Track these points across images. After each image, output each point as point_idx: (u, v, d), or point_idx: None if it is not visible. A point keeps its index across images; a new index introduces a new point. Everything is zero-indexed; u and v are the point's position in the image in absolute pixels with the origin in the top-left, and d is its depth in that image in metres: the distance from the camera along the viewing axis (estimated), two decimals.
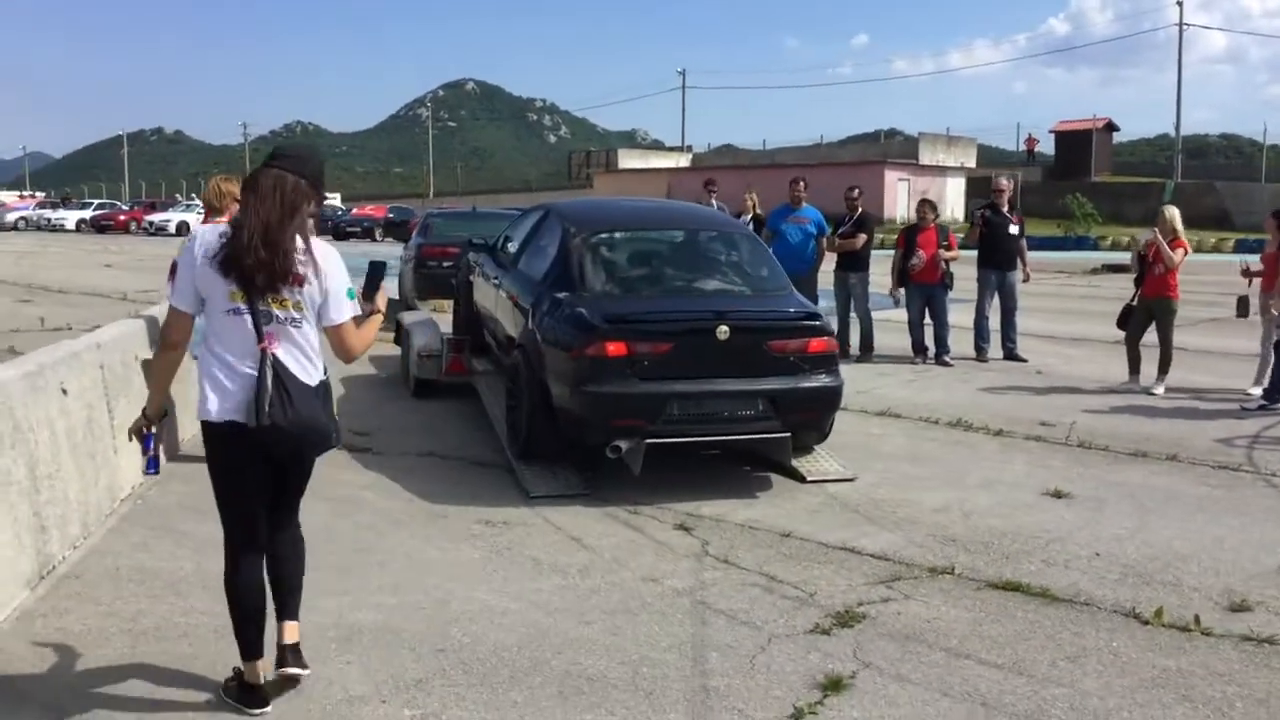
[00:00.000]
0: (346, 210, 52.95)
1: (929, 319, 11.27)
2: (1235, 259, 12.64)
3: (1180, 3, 53.97)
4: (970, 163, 54.07)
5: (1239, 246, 30.47)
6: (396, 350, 10.04)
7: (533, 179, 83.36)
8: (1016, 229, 11.64)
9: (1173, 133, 55.01)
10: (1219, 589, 4.84)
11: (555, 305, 6.56)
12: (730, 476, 6.72)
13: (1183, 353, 10.95)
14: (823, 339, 6.52)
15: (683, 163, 60.78)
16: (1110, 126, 55.07)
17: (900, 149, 53.51)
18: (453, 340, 8.85)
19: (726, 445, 6.71)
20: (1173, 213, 9.81)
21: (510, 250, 8.22)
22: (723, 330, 6.17)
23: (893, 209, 44.40)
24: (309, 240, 3.45)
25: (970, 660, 4.08)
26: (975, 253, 11.89)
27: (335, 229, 43.11)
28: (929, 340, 11.28)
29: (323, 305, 3.48)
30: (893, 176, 46.85)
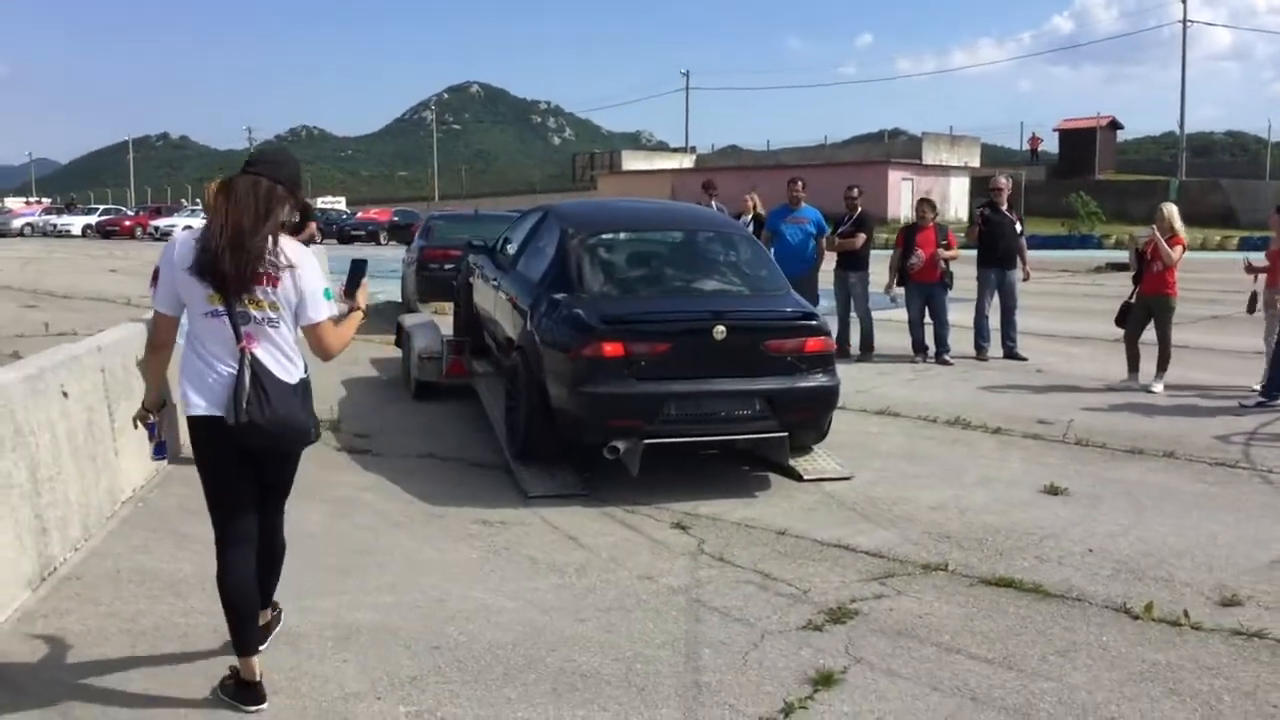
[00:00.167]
0: (351, 214, 53.13)
1: (929, 318, 11.30)
2: (1239, 256, 12.66)
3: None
4: (974, 162, 54.10)
5: (1243, 244, 30.41)
6: (398, 353, 10.10)
7: (537, 181, 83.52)
8: (1016, 227, 11.67)
9: (1178, 130, 54.97)
10: (1211, 584, 4.87)
11: (553, 306, 6.60)
12: (728, 476, 6.75)
13: (1184, 350, 10.98)
14: (819, 339, 6.55)
15: (686, 164, 60.88)
16: (1114, 125, 55.05)
17: (904, 149, 53.58)
18: (452, 342, 8.90)
19: (724, 445, 6.75)
20: (1171, 210, 9.83)
21: (509, 252, 8.27)
22: (719, 330, 6.20)
23: (896, 209, 44.40)
24: (283, 243, 3.54)
25: (961, 655, 4.11)
26: (975, 251, 11.92)
27: (340, 232, 43.21)
28: (929, 339, 11.31)
29: (299, 305, 3.57)
30: (896, 176, 46.91)
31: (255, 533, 3.72)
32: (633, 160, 63.94)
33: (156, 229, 47.96)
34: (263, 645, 3.84)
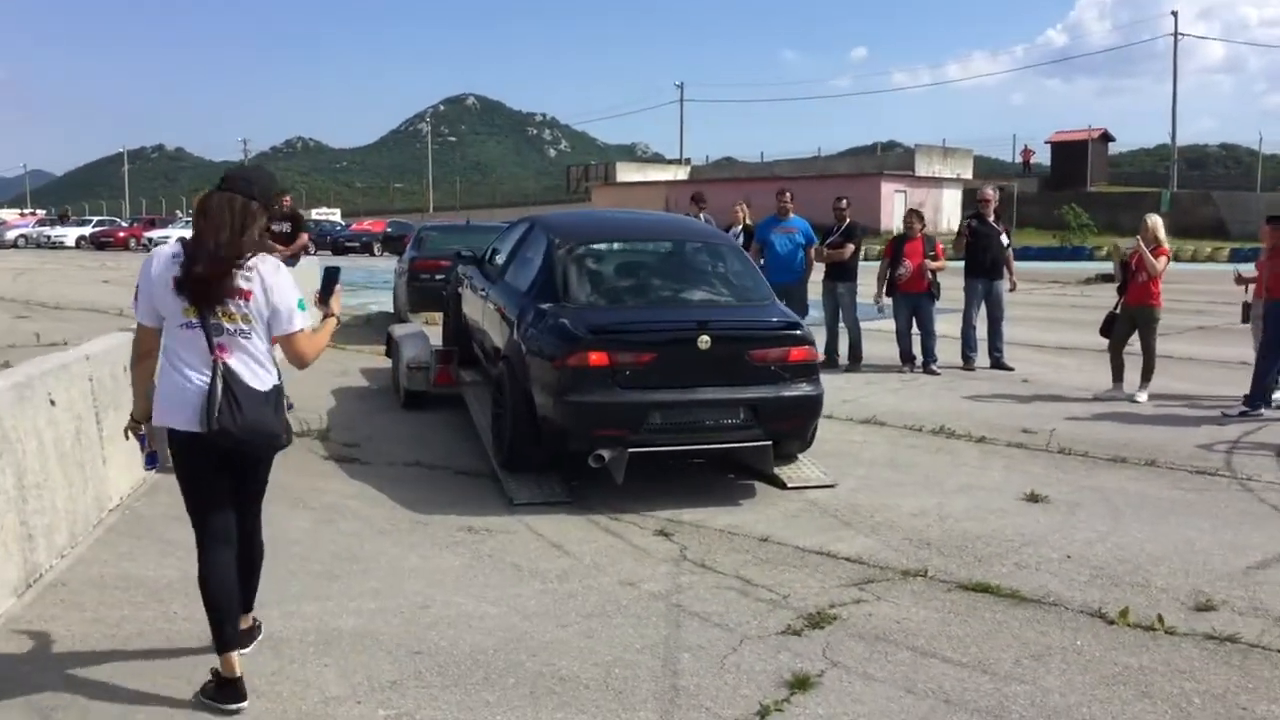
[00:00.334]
0: (345, 225, 53.10)
1: (916, 328, 11.37)
2: (1228, 268, 12.75)
3: (1175, 13, 54.35)
4: (967, 174, 54.29)
5: (1234, 256, 30.60)
6: (388, 363, 10.14)
7: (532, 193, 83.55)
8: (1003, 239, 11.76)
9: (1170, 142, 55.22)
10: (1186, 590, 4.93)
11: (539, 316, 6.65)
12: (713, 484, 6.80)
13: (1169, 360, 11.06)
14: (803, 348, 6.60)
15: (680, 176, 61.00)
16: (1106, 137, 55.26)
17: (897, 161, 53.80)
18: (440, 352, 8.95)
19: (709, 454, 6.80)
20: (1155, 221, 9.92)
21: (497, 262, 8.34)
22: (704, 340, 6.25)
23: (889, 220, 44.45)
24: (257, 258, 3.66)
25: (936, 659, 4.16)
26: (962, 262, 11.99)
27: (334, 244, 43.24)
28: (916, 349, 11.38)
29: (272, 317, 3.70)
30: (889, 188, 47.02)
31: (234, 533, 3.83)
32: (627, 172, 64.02)
33: (150, 240, 47.85)
34: (245, 649, 3.89)
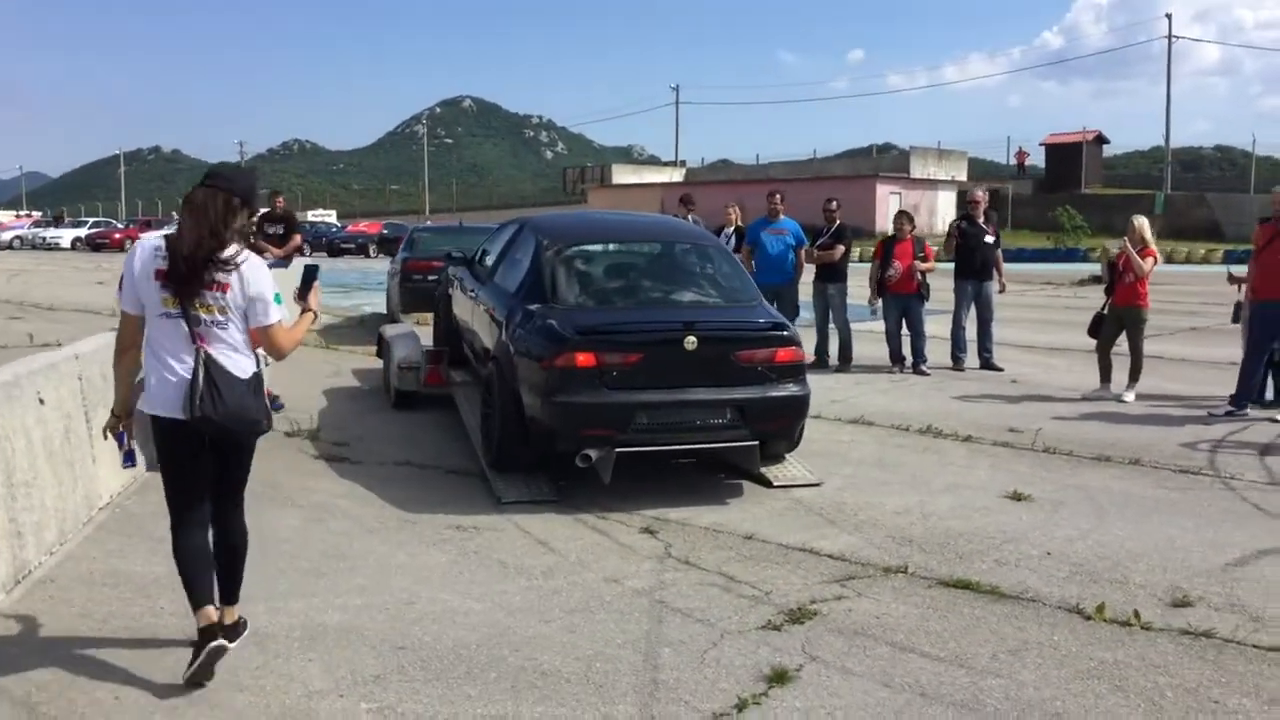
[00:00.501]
0: (341, 227, 53.12)
1: (906, 329, 11.43)
2: (1220, 269, 12.82)
3: (1169, 16, 54.49)
4: (961, 176, 54.38)
5: (1227, 257, 30.69)
6: (379, 363, 10.19)
7: (528, 195, 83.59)
8: (992, 240, 11.82)
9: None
10: (1164, 586, 4.98)
11: (527, 317, 6.69)
12: (700, 483, 6.85)
13: (1159, 360, 11.13)
14: (790, 349, 6.65)
15: (676, 178, 61.01)
16: (1100, 139, 55.34)
17: (892, 163, 53.88)
18: (431, 352, 9.00)
19: (696, 453, 6.84)
20: (1142, 222, 10.00)
21: (487, 264, 8.38)
22: (690, 341, 6.29)
23: (884, 223, 44.50)
24: (233, 251, 3.79)
25: (914, 654, 4.21)
26: (952, 264, 12.05)
27: (330, 246, 43.23)
28: (906, 350, 11.44)
29: (249, 309, 3.84)
30: (884, 190, 47.10)
31: (207, 519, 3.98)
32: (623, 174, 64.09)
33: None
34: (230, 643, 3.94)
